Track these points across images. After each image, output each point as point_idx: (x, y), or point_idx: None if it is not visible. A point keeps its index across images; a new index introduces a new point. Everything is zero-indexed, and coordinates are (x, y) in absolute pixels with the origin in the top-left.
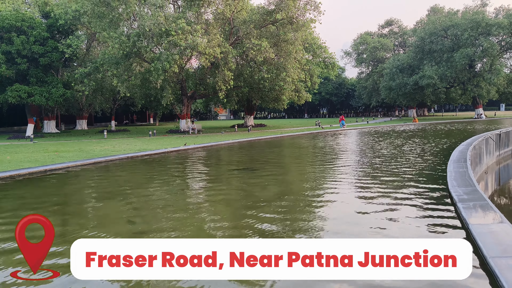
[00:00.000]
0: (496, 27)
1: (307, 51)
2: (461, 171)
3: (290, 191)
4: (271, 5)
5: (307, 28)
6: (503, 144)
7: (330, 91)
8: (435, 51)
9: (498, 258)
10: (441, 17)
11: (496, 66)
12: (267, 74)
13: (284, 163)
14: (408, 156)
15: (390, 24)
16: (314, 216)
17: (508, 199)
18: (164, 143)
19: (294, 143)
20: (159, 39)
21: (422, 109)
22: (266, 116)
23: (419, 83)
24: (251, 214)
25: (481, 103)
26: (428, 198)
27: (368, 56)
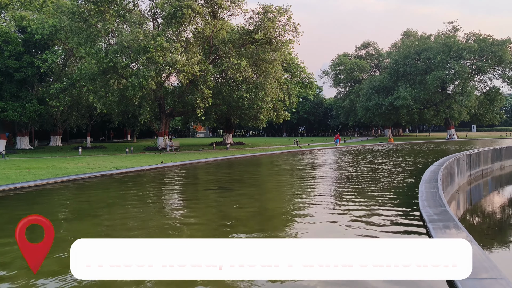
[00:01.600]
0: (467, 51)
1: (286, 70)
2: (432, 192)
3: (265, 211)
4: (251, 25)
5: (286, 48)
6: (474, 164)
7: (308, 110)
8: (409, 73)
9: (465, 281)
10: (414, 41)
11: (467, 88)
12: (246, 93)
13: (261, 182)
14: (383, 175)
15: (367, 46)
16: (289, 234)
17: (479, 218)
18: (140, 160)
19: (272, 162)
20: (137, 55)
21: (397, 129)
22: (245, 134)
23: (394, 103)
24: (225, 235)
25: (453, 124)
26: (401, 218)
27: (345, 77)
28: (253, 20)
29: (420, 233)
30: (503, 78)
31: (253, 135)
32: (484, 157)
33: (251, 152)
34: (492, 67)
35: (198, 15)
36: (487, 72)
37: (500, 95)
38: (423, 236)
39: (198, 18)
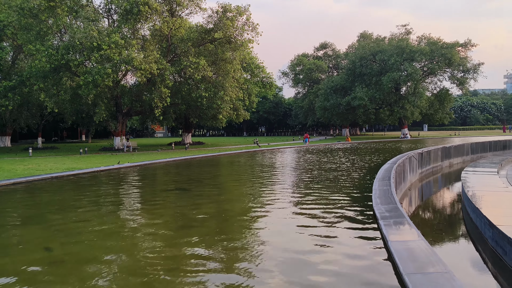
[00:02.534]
0: (419, 54)
1: (245, 70)
2: (385, 189)
3: (223, 212)
4: (210, 24)
5: (245, 47)
6: (425, 162)
7: (268, 110)
8: (365, 74)
9: (413, 274)
10: (370, 43)
11: (419, 89)
12: (205, 92)
13: (219, 183)
14: (341, 173)
15: (325, 47)
16: (248, 235)
17: (430, 214)
18: (96, 161)
19: (232, 162)
20: (90, 52)
21: (355, 129)
22: (205, 133)
23: (351, 103)
24: (183, 236)
25: (407, 123)
26: (355, 214)
27: (304, 77)
28: (212, 19)
29: (372, 229)
30: (452, 80)
31: (213, 134)
32: (434, 155)
33: (211, 152)
34: (442, 69)
35: (155, 12)
36: (437, 73)
37: (449, 96)
38: (375, 232)
39: (155, 16)
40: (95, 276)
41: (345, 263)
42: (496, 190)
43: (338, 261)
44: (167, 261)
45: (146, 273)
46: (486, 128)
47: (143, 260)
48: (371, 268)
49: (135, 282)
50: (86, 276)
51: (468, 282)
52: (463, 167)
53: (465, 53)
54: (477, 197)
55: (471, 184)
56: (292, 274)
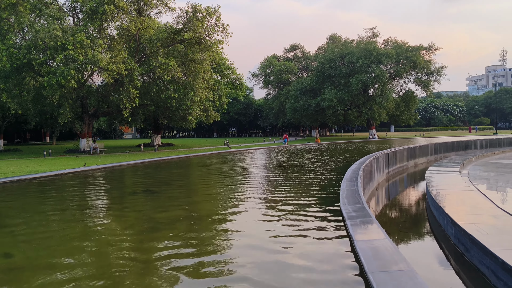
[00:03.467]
0: (385, 57)
1: (216, 71)
2: (352, 189)
3: (192, 214)
4: (179, 24)
5: (215, 48)
6: (391, 162)
7: (239, 111)
8: (334, 76)
9: (377, 273)
10: (338, 45)
11: (386, 91)
12: (175, 93)
13: (189, 184)
14: (310, 174)
15: (295, 49)
16: (217, 237)
17: (396, 213)
18: (60, 164)
19: (202, 163)
20: (54, 52)
21: (324, 130)
22: (175, 135)
23: (321, 105)
24: (150, 240)
25: (374, 124)
26: (324, 215)
27: (274, 78)
28: (182, 19)
29: (339, 229)
30: (417, 82)
31: (183, 136)
32: (400, 155)
33: (181, 154)
34: (407, 71)
35: (122, 11)
36: (403, 76)
37: (414, 97)
38: (342, 231)
39: (122, 15)
40: (56, 282)
41: (312, 263)
42: (458, 189)
43: (305, 261)
44: (134, 265)
45: (112, 277)
46: (449, 129)
47: (109, 264)
48: (337, 268)
49: (100, 286)
50: (47, 282)
51: (432, 279)
52: (427, 166)
53: (429, 57)
54: (440, 196)
55: (434, 184)
56: (262, 275)
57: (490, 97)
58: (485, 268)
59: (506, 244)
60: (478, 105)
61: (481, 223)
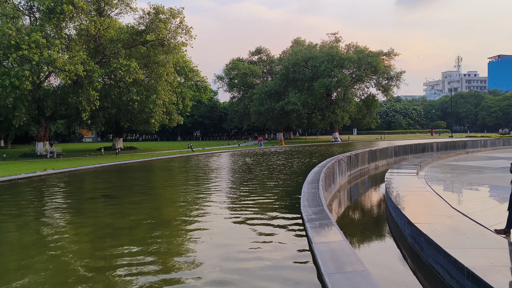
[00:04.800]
0: (348, 61)
1: (179, 74)
2: (313, 192)
3: (151, 219)
4: (141, 26)
5: (178, 51)
6: (353, 165)
7: (203, 114)
8: (298, 80)
9: (333, 274)
10: (302, 49)
11: (348, 95)
12: (137, 95)
13: (150, 189)
14: (274, 176)
15: (260, 52)
16: (176, 242)
17: (357, 214)
18: (15, 168)
19: (164, 167)
20: (7, 52)
21: (289, 133)
22: (138, 138)
23: (285, 108)
24: (108, 246)
25: (337, 127)
26: (285, 217)
27: (239, 81)
28: (144, 21)
29: (300, 232)
30: (377, 86)
31: (146, 139)
32: (362, 158)
33: (143, 157)
34: (369, 76)
35: (81, 11)
36: (365, 80)
37: (375, 101)
38: (302, 234)
39: (82, 15)
40: None
41: (272, 265)
42: (415, 190)
43: (265, 263)
44: (89, 274)
45: (69, 284)
46: (408, 132)
47: (66, 271)
48: (295, 269)
49: None
50: None
51: (390, 278)
52: (387, 169)
53: (389, 62)
54: (398, 197)
55: (393, 185)
56: (222, 276)
57: (446, 101)
58: (439, 266)
59: (459, 243)
60: (434, 109)
61: (436, 223)
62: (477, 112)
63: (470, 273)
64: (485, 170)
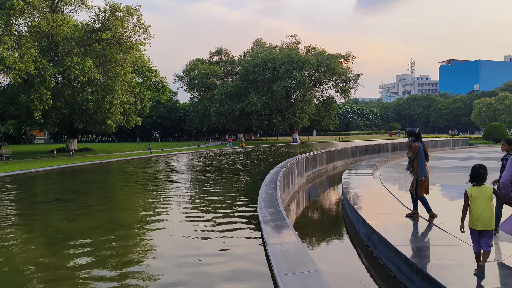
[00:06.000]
0: (307, 64)
1: (137, 73)
2: (270, 193)
3: (104, 223)
4: (97, 23)
5: (136, 50)
6: (311, 165)
7: (162, 115)
8: (258, 81)
9: (285, 275)
10: (263, 50)
11: (307, 97)
12: (92, 95)
13: (104, 192)
14: (233, 177)
15: (220, 53)
16: (131, 245)
17: (315, 215)
18: None
19: (121, 169)
20: None
21: (250, 134)
22: (94, 139)
23: (245, 109)
24: (59, 252)
25: (297, 129)
26: (243, 219)
27: (199, 82)
28: (100, 18)
29: (256, 233)
30: (336, 89)
31: (102, 140)
32: (320, 158)
33: (99, 159)
34: (327, 78)
35: (33, 7)
36: (323, 82)
37: (334, 103)
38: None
39: (33, 11)
40: None
41: (225, 267)
42: (370, 190)
43: (219, 265)
44: (38, 281)
45: None
46: (366, 133)
47: (11, 281)
48: (249, 272)
49: None
50: None
51: (344, 276)
52: (345, 169)
53: (347, 65)
54: (355, 197)
55: (350, 185)
56: (175, 279)
57: (400, 103)
58: (391, 264)
59: (409, 240)
60: (390, 111)
61: (389, 221)
62: (429, 114)
63: (419, 270)
64: (435, 170)
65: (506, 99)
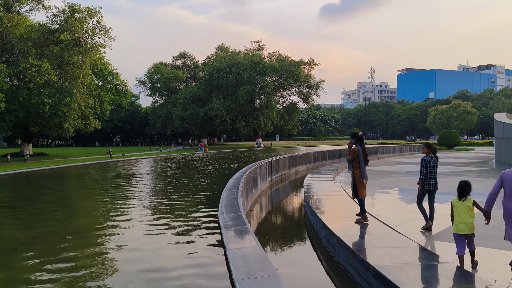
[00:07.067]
0: (270, 69)
1: (97, 76)
2: (232, 198)
3: (56, 231)
4: (55, 24)
5: (96, 52)
6: (274, 170)
7: (124, 119)
8: (222, 86)
9: (244, 280)
10: (226, 55)
11: (271, 102)
12: (49, 98)
13: (60, 198)
14: (195, 182)
15: (184, 57)
16: (85, 254)
17: (277, 219)
18: None
19: (78, 174)
20: None
21: (213, 139)
22: (50, 144)
23: (209, 114)
24: (9, 261)
25: (261, 134)
26: (203, 224)
27: (162, 86)
28: (58, 19)
29: (217, 239)
30: (299, 94)
31: (60, 145)
32: (283, 163)
33: (55, 164)
34: (290, 84)
35: None
36: (287, 88)
37: (297, 109)
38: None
39: None
40: None
41: (184, 273)
42: (331, 195)
43: (179, 271)
44: None
45: None
46: (327, 139)
47: None
48: (209, 277)
49: None
50: None
51: (305, 279)
52: (307, 174)
53: (310, 71)
54: (316, 202)
55: (311, 190)
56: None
57: (361, 110)
58: (349, 266)
59: (367, 244)
60: (351, 117)
61: (348, 225)
62: (387, 121)
63: (376, 272)
64: (393, 174)
65: (459, 106)
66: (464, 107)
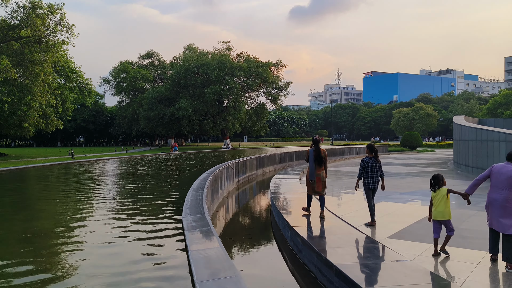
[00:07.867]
0: (239, 70)
1: (59, 74)
2: (196, 199)
3: (16, 233)
4: (14, 20)
5: (58, 49)
6: (241, 171)
7: (87, 119)
8: (189, 86)
9: (205, 281)
10: (194, 55)
11: (239, 103)
12: (7, 96)
13: (17, 201)
14: (161, 184)
15: (151, 56)
16: (48, 257)
17: (243, 220)
18: None
19: (38, 175)
20: None
21: (180, 139)
22: (9, 144)
23: (176, 114)
24: None
25: (228, 135)
26: (168, 226)
27: (128, 85)
28: (18, 14)
29: (180, 240)
30: (267, 96)
31: (19, 145)
32: (250, 164)
33: (14, 165)
34: (259, 85)
35: None
36: (255, 89)
37: (265, 110)
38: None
39: None
40: None
41: (146, 275)
42: (296, 195)
43: (140, 274)
44: None
45: None
46: (295, 140)
47: None
48: (171, 280)
49: None
50: None
51: (269, 279)
52: (274, 174)
53: (278, 73)
54: (282, 202)
55: (278, 191)
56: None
57: (328, 112)
58: (313, 266)
59: (330, 243)
60: (318, 118)
61: (313, 225)
62: (353, 122)
63: (338, 270)
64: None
65: (420, 109)
66: (425, 110)
